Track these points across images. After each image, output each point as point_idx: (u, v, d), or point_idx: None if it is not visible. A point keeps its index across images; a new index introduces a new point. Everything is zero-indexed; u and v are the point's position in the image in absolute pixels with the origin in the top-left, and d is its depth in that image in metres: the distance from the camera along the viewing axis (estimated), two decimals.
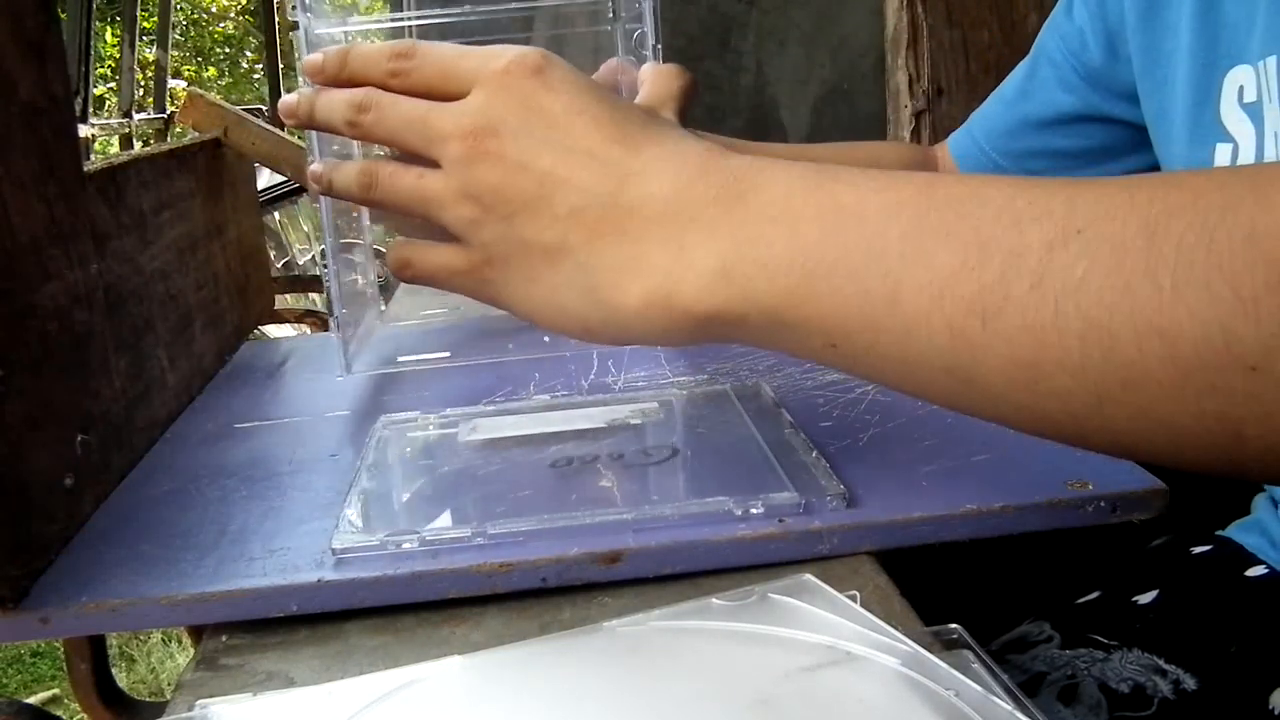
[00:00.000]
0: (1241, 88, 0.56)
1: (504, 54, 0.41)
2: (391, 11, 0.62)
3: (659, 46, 0.55)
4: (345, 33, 0.60)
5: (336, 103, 0.45)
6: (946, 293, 0.33)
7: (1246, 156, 0.56)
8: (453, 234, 0.43)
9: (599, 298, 0.39)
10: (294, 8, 0.53)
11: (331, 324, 0.58)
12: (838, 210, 0.36)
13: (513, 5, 0.57)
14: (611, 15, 0.59)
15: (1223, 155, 0.57)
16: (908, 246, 0.33)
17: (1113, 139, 0.71)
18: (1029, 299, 0.31)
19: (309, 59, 0.46)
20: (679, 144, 0.40)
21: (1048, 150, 0.73)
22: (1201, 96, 0.59)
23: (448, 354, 0.60)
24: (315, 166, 0.48)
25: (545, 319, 0.42)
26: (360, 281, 0.68)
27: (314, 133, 0.54)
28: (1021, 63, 0.77)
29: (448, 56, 0.43)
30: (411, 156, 0.44)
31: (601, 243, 0.39)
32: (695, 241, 0.38)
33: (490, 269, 0.42)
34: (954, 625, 0.34)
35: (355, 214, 0.66)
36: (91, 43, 2.93)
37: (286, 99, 0.48)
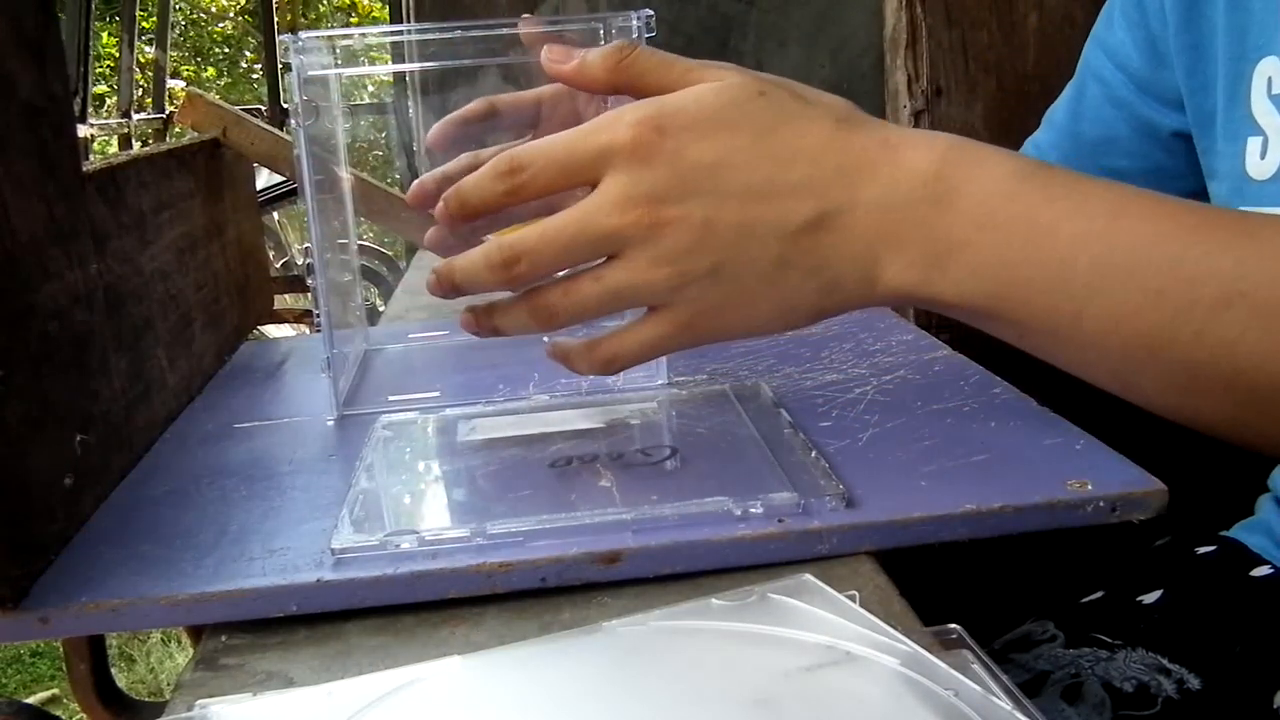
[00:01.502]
0: (1270, 79, 0.55)
1: (618, 126, 0.42)
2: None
3: None
4: (339, 75, 0.61)
5: (479, 269, 0.45)
6: (1123, 325, 0.39)
7: (1276, 149, 0.55)
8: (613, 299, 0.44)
9: (835, 292, 0.44)
10: (285, 49, 0.53)
11: (322, 365, 0.57)
12: (1034, 228, 0.41)
13: (507, 27, 0.57)
14: (603, 40, 0.59)
15: (1254, 149, 0.57)
16: (1093, 279, 0.39)
17: (1169, 158, 0.68)
18: (1192, 344, 0.38)
19: (441, 210, 0.46)
20: (851, 147, 0.42)
21: (1105, 170, 0.70)
22: (1233, 91, 0.58)
23: (437, 393, 0.60)
24: (465, 320, 0.49)
25: (773, 328, 0.46)
26: (350, 305, 0.68)
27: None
28: (1068, 85, 0.75)
29: (558, 152, 0.43)
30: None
31: (825, 248, 0.43)
32: (910, 239, 0.42)
33: (703, 318, 0.45)
34: (954, 625, 0.34)
35: (344, 240, 0.67)
36: (91, 43, 2.92)
37: (430, 281, 0.48)
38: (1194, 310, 0.38)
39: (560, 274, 0.46)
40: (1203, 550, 0.63)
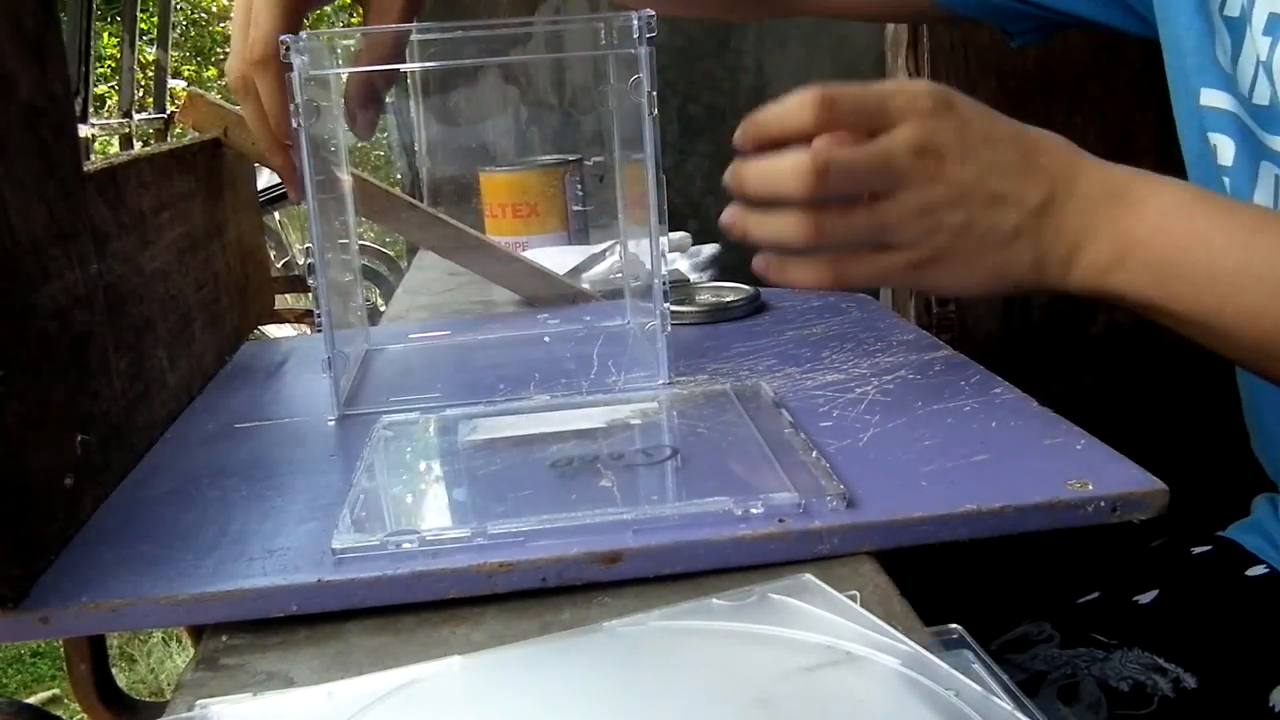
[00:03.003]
0: (1224, 1, 0.58)
1: (919, 89, 0.52)
2: None
3: (654, 69, 0.55)
4: (340, 75, 0.61)
5: (787, 173, 0.51)
6: (1254, 321, 0.49)
7: (1229, 62, 0.58)
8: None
9: (1041, 269, 0.52)
10: (286, 49, 0.53)
11: (323, 364, 0.57)
12: (1194, 235, 0.50)
13: (508, 27, 0.57)
14: (604, 40, 0.59)
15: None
16: (1233, 282, 0.49)
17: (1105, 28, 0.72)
18: None
19: (740, 136, 0.52)
20: (1074, 151, 0.53)
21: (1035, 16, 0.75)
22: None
23: (438, 394, 0.60)
24: (739, 218, 0.53)
25: (979, 289, 0.54)
26: (350, 304, 0.68)
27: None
28: None
29: (870, 98, 0.51)
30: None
31: (1046, 228, 0.52)
32: (1103, 233, 0.51)
33: (933, 264, 0.52)
34: (954, 625, 0.34)
35: (344, 240, 0.67)
36: (91, 43, 2.92)
37: (729, 214, 0.54)
38: None
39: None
40: (1198, 550, 0.63)
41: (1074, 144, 0.54)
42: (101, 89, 5.03)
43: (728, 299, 0.76)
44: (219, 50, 7.06)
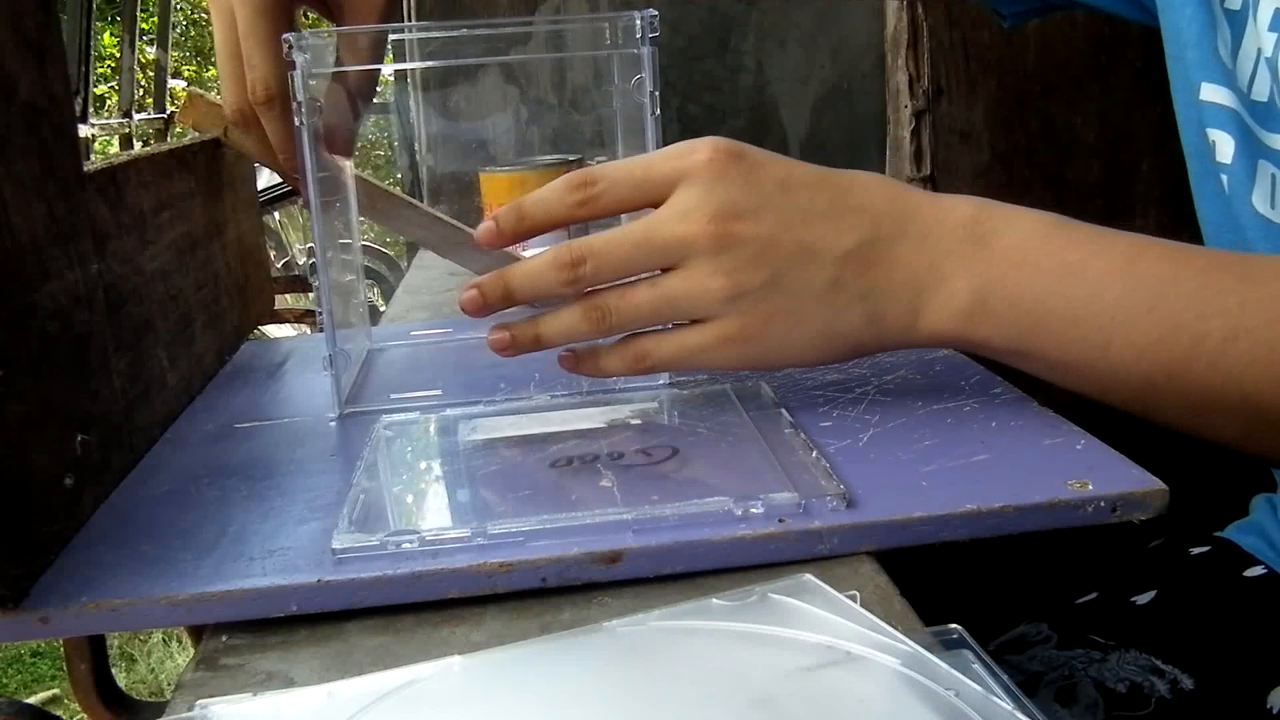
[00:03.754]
0: None
1: (697, 148, 0.46)
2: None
3: (657, 69, 0.55)
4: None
5: (542, 270, 0.47)
6: (1145, 355, 0.44)
7: (1229, 56, 0.57)
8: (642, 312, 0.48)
9: (878, 323, 0.47)
10: (289, 47, 0.53)
11: (324, 362, 0.57)
12: (1066, 267, 0.45)
13: (510, 26, 0.57)
14: (609, 41, 0.59)
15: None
16: (1119, 315, 0.44)
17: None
18: (1206, 373, 0.43)
19: (482, 235, 0.49)
20: (900, 188, 0.48)
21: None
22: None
23: (439, 391, 0.60)
24: (499, 337, 0.51)
25: (813, 356, 0.49)
26: (352, 303, 0.68)
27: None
28: None
29: (636, 170, 0.47)
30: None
31: (875, 275, 0.46)
32: (953, 273, 0.46)
33: (749, 332, 0.47)
34: (954, 625, 0.34)
35: (346, 240, 0.67)
36: (91, 43, 2.92)
37: (469, 295, 0.50)
38: (1206, 343, 0.43)
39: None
40: (1197, 551, 0.63)
41: (901, 182, 0.48)
42: (101, 89, 5.02)
43: None
44: None
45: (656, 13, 0.54)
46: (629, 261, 0.47)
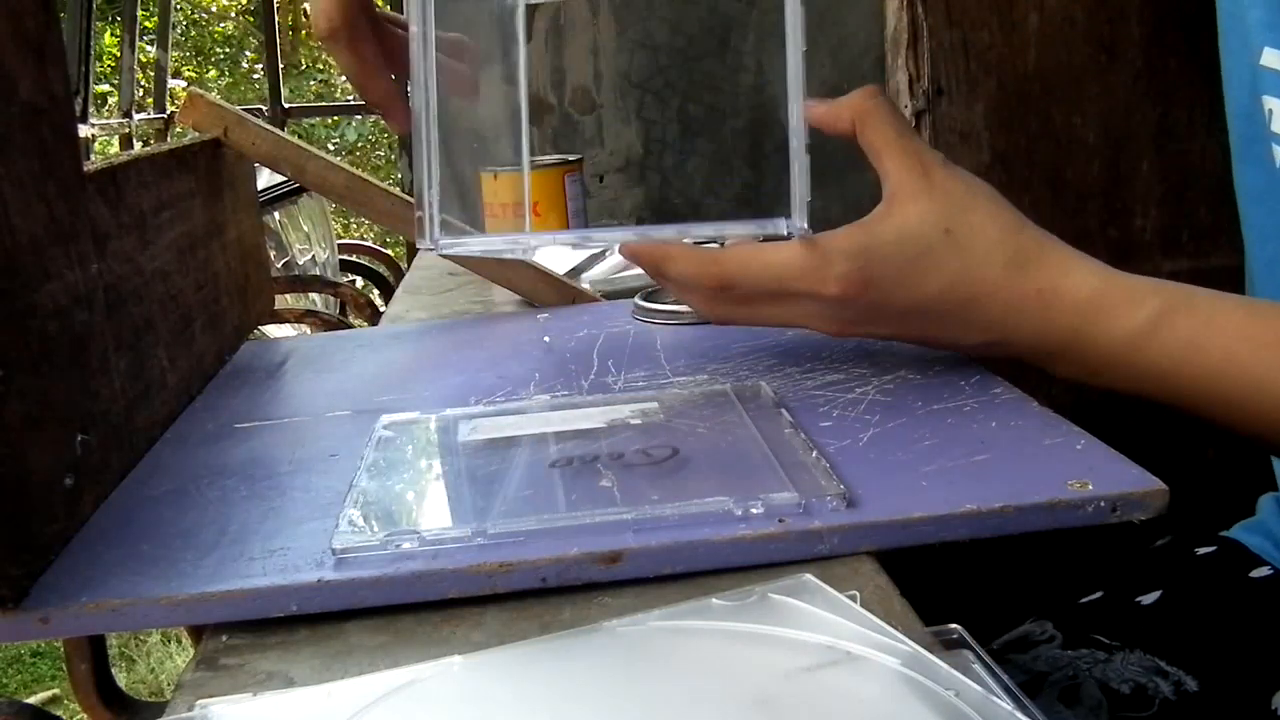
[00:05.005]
0: None
1: (828, 277, 0.51)
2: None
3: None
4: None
5: (694, 278, 0.54)
6: (1260, 421, 0.50)
7: None
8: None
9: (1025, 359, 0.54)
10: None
11: (418, 201, 0.56)
12: (1165, 362, 0.50)
13: None
14: None
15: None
16: (1234, 396, 0.49)
17: None
18: None
19: (622, 251, 0.56)
20: (1009, 306, 0.52)
21: None
22: None
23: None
24: (654, 270, 0.56)
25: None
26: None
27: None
28: None
29: (769, 283, 0.53)
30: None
31: (995, 352, 0.55)
32: (1066, 360, 0.52)
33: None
34: (954, 625, 0.34)
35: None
36: (91, 43, 2.92)
37: (631, 248, 0.56)
38: None
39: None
40: (1202, 551, 0.63)
41: (1026, 272, 0.51)
42: (101, 89, 5.02)
43: None
44: (219, 50, 7.06)
45: None
46: (757, 316, 0.55)
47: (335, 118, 6.33)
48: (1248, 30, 0.58)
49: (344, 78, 0.62)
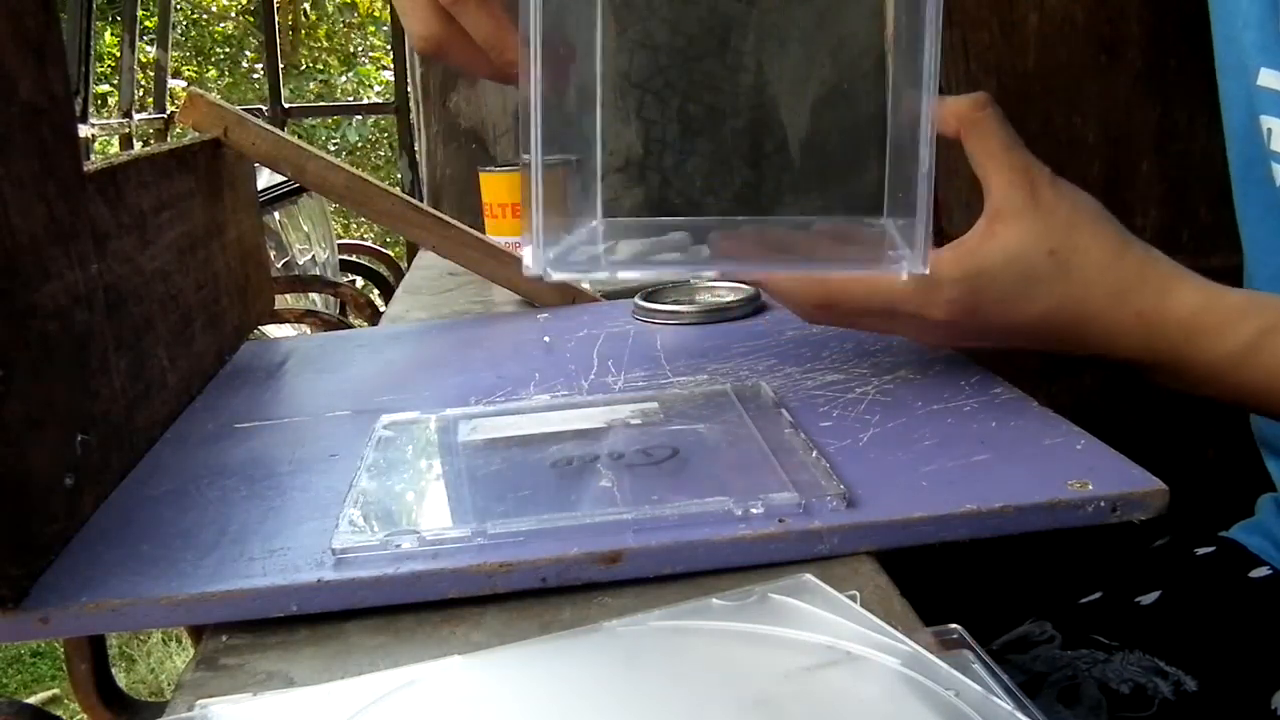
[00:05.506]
0: None
1: (936, 301, 0.52)
2: None
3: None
4: None
5: (797, 294, 0.55)
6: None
7: None
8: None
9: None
10: None
11: (525, 220, 0.55)
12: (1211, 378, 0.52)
13: None
14: None
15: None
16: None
17: None
18: None
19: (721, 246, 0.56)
20: (1107, 314, 0.52)
21: None
22: None
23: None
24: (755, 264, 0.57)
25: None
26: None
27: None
28: None
29: (876, 304, 0.53)
30: None
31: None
32: (1157, 370, 0.53)
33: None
34: (954, 625, 0.34)
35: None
36: (91, 43, 2.92)
37: (729, 243, 0.58)
38: None
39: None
40: (1202, 551, 0.63)
41: (1127, 301, 0.52)
42: (101, 89, 5.02)
43: (728, 299, 0.76)
44: (219, 50, 7.06)
45: None
46: (857, 325, 0.57)
47: (335, 118, 6.33)
48: (1243, 52, 0.58)
49: (342, 78, 0.61)
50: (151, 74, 3.80)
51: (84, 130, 2.70)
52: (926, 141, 0.50)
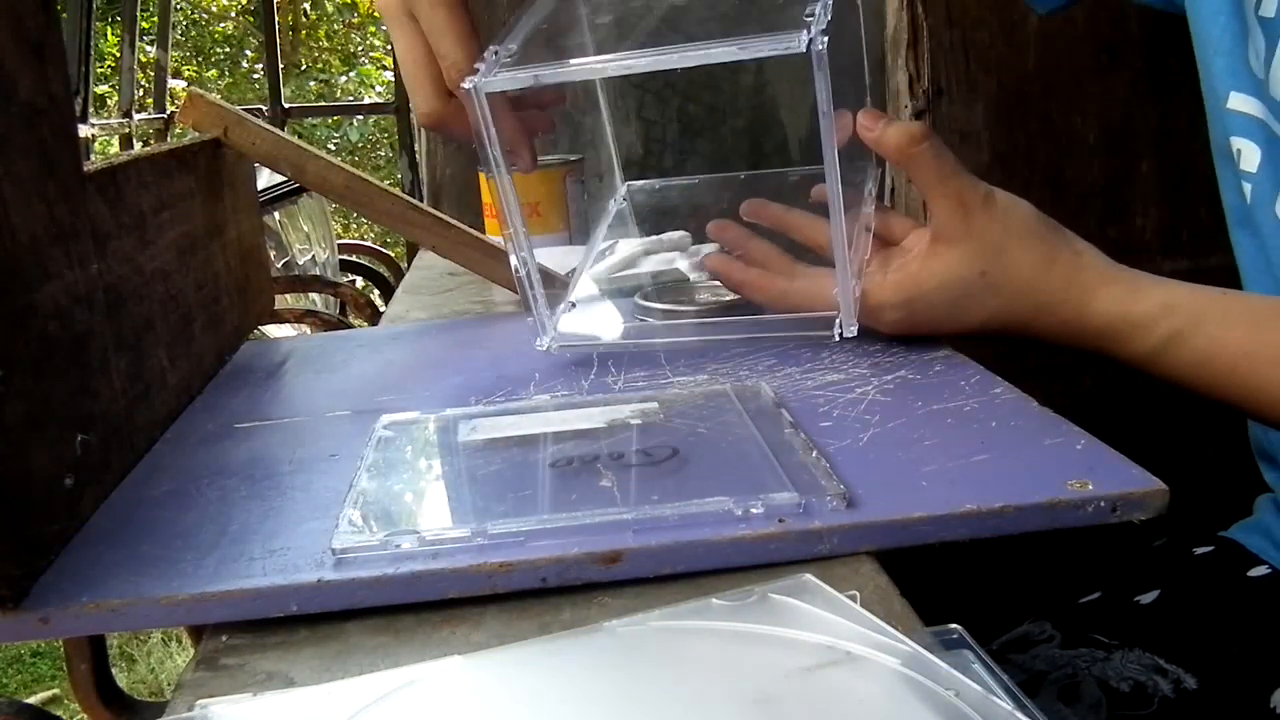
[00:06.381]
0: (1260, 0, 0.58)
1: (882, 315, 0.60)
2: None
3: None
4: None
5: (764, 291, 0.64)
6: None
7: (1260, 66, 0.58)
8: None
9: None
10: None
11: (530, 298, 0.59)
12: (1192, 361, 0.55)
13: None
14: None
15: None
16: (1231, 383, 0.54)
17: None
18: None
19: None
20: (1035, 318, 0.58)
21: None
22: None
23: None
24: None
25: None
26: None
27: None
28: None
29: (823, 304, 0.60)
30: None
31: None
32: (1100, 347, 0.57)
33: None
34: (954, 625, 0.34)
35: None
36: (91, 43, 2.92)
37: (720, 263, 0.67)
38: None
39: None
40: (1201, 550, 0.63)
41: (1050, 311, 0.57)
42: (101, 89, 5.02)
43: (728, 299, 0.76)
44: (219, 50, 7.06)
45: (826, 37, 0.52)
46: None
47: (336, 118, 6.33)
48: (1214, 77, 0.61)
49: (342, 78, 0.63)
50: (151, 74, 3.80)
51: (84, 130, 2.70)
52: (838, 215, 0.56)
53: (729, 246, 0.68)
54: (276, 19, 3.18)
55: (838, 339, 0.58)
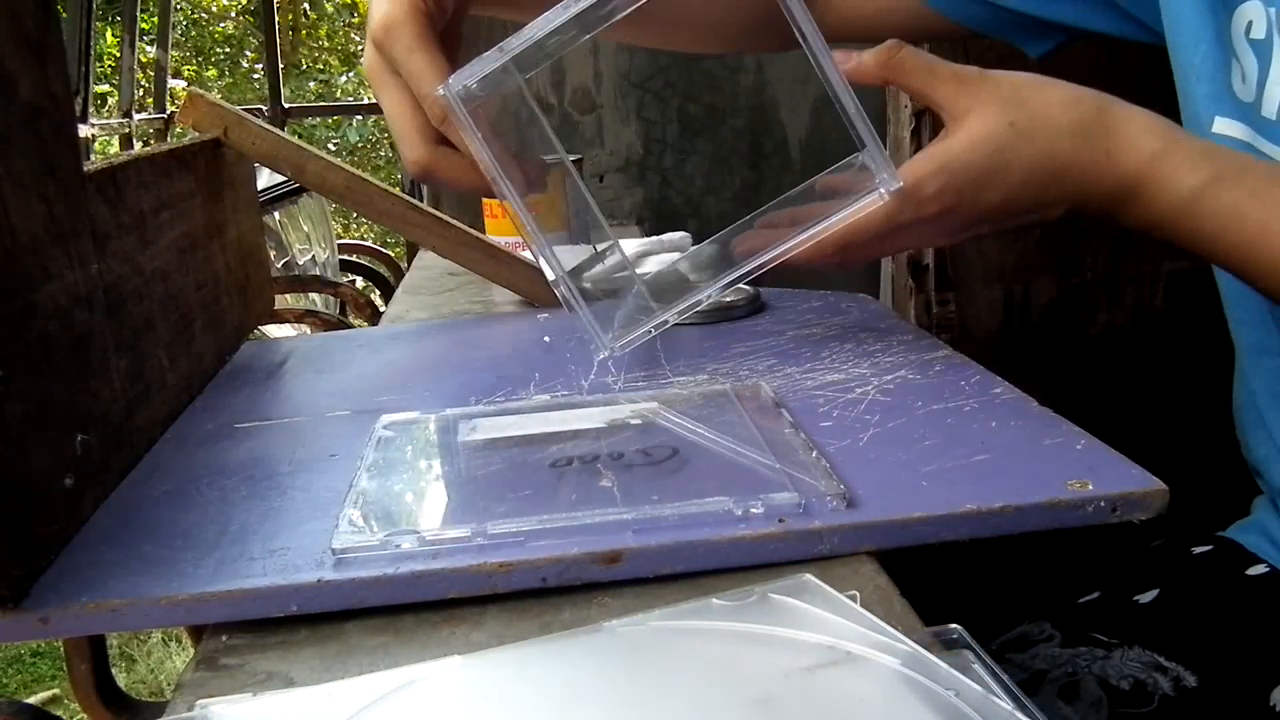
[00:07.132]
0: (1250, 23, 0.58)
1: (924, 200, 0.55)
2: None
3: None
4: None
5: (814, 249, 0.58)
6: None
7: (1249, 88, 0.59)
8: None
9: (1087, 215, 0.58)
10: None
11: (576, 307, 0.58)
12: (1219, 217, 0.53)
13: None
14: None
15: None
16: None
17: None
18: None
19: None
20: (1083, 172, 0.55)
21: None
22: (1212, 34, 0.61)
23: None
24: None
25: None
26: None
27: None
28: None
29: (879, 226, 0.56)
30: None
31: (1079, 213, 0.57)
32: (1128, 216, 0.56)
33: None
34: (954, 625, 0.34)
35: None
36: (91, 43, 2.92)
37: (766, 233, 0.59)
38: None
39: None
40: (1199, 550, 0.63)
41: (1087, 144, 0.55)
42: (101, 89, 5.02)
43: (728, 299, 0.76)
44: (219, 50, 7.06)
45: None
46: (880, 251, 0.60)
47: (336, 118, 6.33)
48: (1196, 104, 0.61)
49: (342, 78, 0.62)
50: (151, 74, 3.80)
51: (84, 130, 2.70)
52: (842, 87, 0.55)
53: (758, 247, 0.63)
54: (276, 19, 3.18)
55: (885, 196, 0.54)
